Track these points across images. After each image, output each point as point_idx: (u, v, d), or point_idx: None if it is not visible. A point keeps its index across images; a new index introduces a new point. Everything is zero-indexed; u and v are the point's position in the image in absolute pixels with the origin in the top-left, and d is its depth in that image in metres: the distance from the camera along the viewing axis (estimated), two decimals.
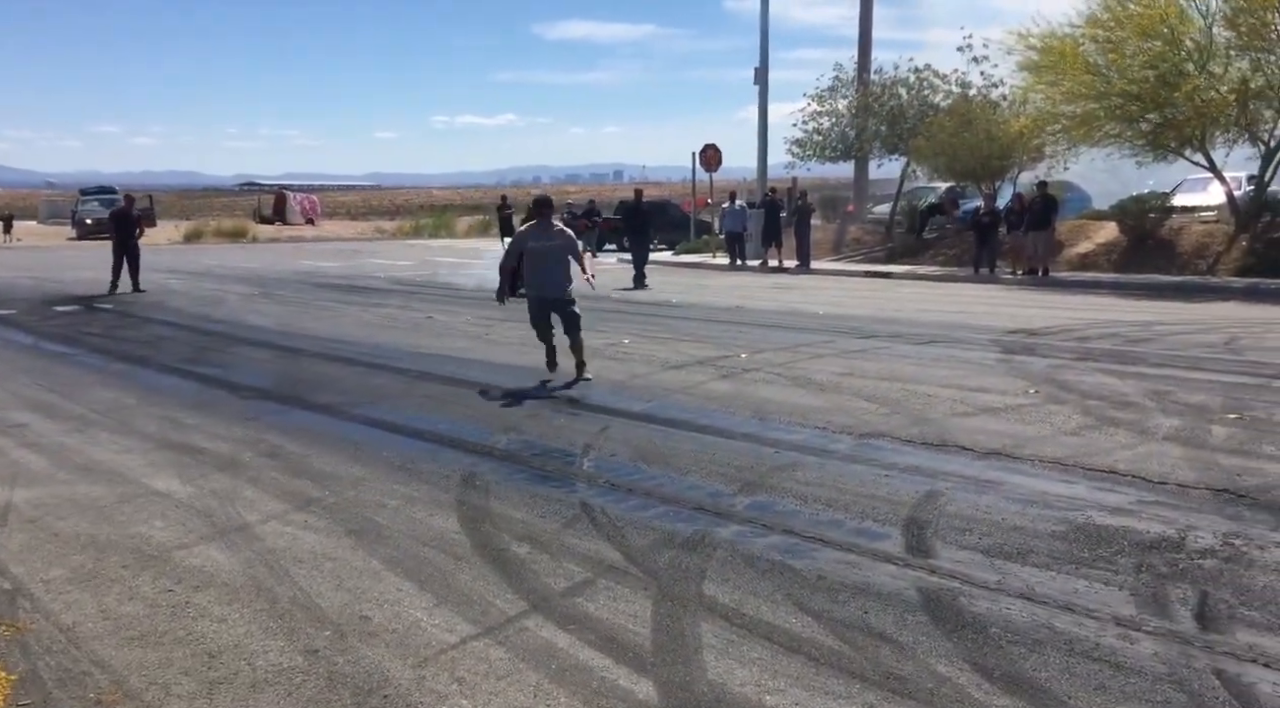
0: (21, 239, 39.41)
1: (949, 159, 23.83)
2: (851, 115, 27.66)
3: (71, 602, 4.15)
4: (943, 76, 26.06)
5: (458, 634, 3.85)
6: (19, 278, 21.44)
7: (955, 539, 4.81)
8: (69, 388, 8.86)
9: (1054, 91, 19.94)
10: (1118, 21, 18.97)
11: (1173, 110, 18.51)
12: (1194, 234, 20.58)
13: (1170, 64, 18.11)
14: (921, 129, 24.90)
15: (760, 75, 29.78)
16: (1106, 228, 22.08)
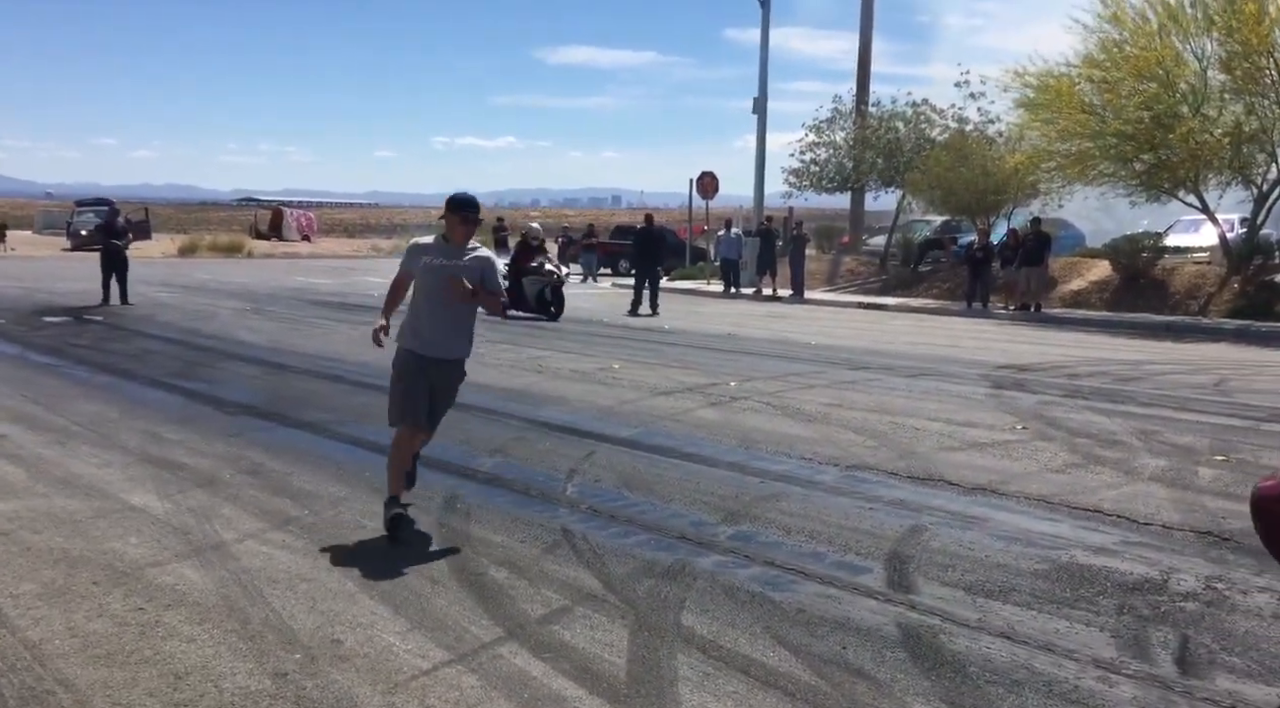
0: (15, 249, 39.32)
1: (944, 193, 23.96)
2: (849, 147, 27.84)
3: (40, 618, 4.08)
4: (940, 111, 26.28)
5: (430, 660, 3.80)
6: (9, 287, 21.36)
7: (938, 575, 4.77)
8: (53, 400, 8.79)
9: (1049, 129, 20.08)
10: (1114, 63, 19.13)
11: (1167, 152, 18.64)
12: (1186, 275, 20.68)
13: (1165, 106, 18.25)
14: (918, 162, 25.05)
15: (759, 105, 29.97)
16: (1099, 266, 22.17)
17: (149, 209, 51.85)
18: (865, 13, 31.34)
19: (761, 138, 30.57)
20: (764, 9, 29.61)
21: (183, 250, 40.70)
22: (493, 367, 11.12)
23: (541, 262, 17.88)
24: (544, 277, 17.65)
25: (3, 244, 39.43)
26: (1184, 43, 18.89)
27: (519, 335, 14.56)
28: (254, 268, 32.85)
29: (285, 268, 33.16)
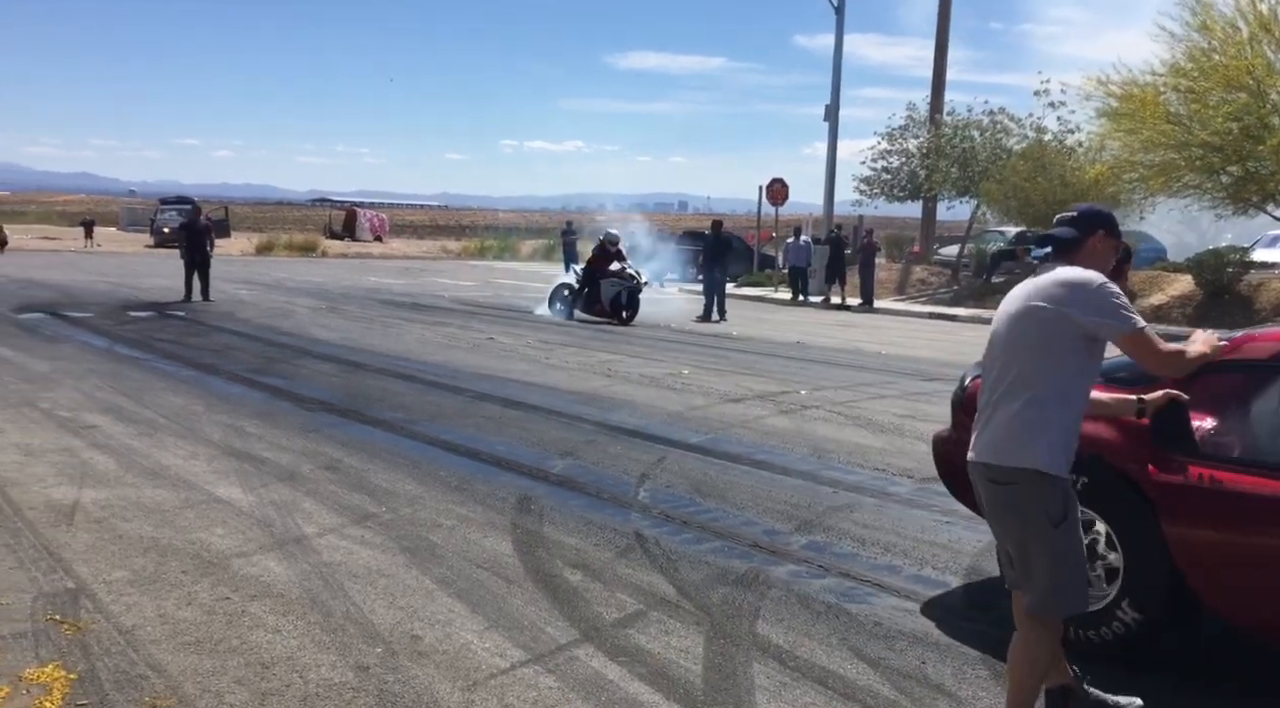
0: (101, 245, 40.59)
1: (1021, 203, 23.52)
2: (922, 155, 27.49)
3: (132, 604, 4.21)
4: (1017, 120, 25.81)
5: (508, 659, 3.84)
6: (96, 282, 22.06)
7: None
8: (139, 392, 9.06)
9: (1133, 140, 19.58)
10: (1201, 72, 18.61)
11: (1256, 164, 18.08)
12: (1273, 291, 20.03)
13: (1255, 117, 17.70)
14: (994, 172, 24.64)
15: (831, 112, 29.74)
16: (1181, 280, 21.59)
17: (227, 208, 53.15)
18: (941, 20, 30.94)
19: (833, 145, 30.33)
20: (838, 16, 29.40)
21: (260, 249, 41.64)
22: (561, 369, 11.19)
23: (621, 266, 17.95)
24: (622, 280, 17.71)
25: (90, 240, 40.72)
26: (1276, 52, 18.32)
27: (587, 339, 14.64)
28: (328, 267, 33.49)
29: (358, 268, 33.76)
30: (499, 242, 49.95)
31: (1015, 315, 3.19)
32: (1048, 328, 3.10)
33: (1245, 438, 3.87)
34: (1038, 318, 3.12)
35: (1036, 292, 3.15)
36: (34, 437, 7.14)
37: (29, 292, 19.09)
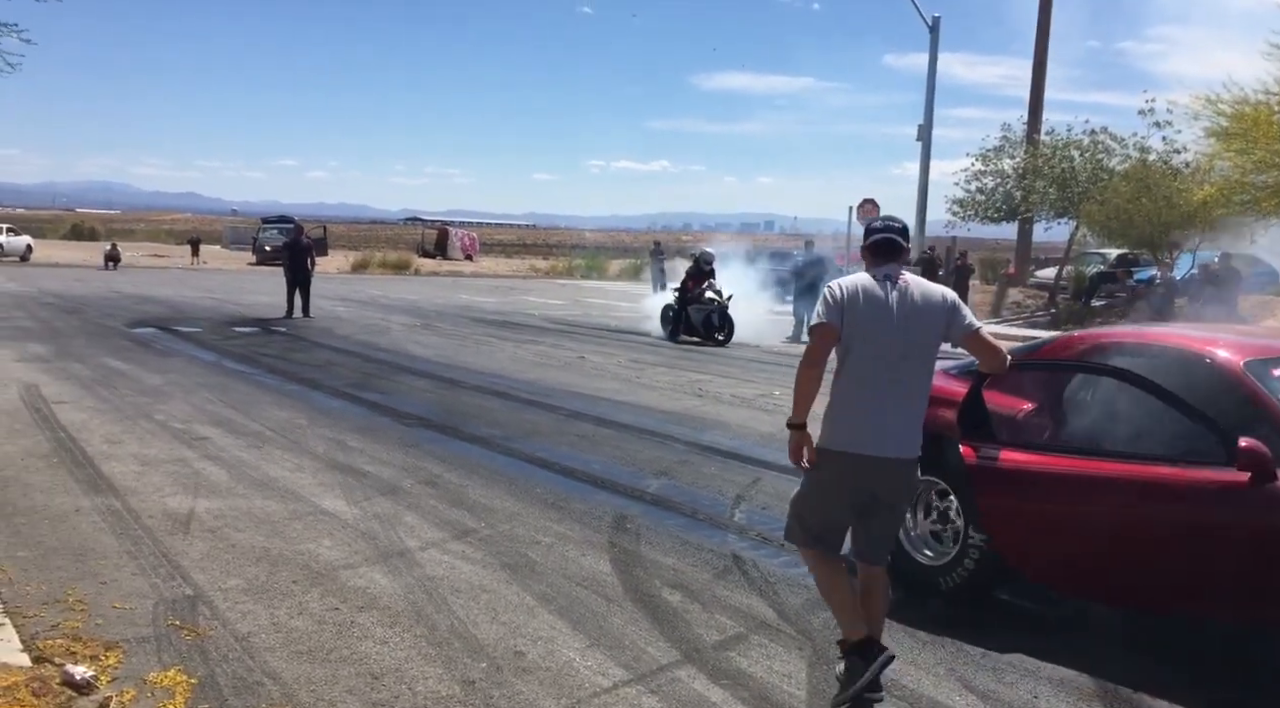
0: (207, 262, 42.15)
1: (1123, 225, 22.85)
2: (1018, 176, 26.92)
3: (246, 612, 4.33)
4: (1120, 140, 25.12)
5: (610, 678, 3.85)
6: (203, 298, 22.89)
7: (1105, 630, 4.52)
8: (246, 405, 9.36)
9: (1244, 160, 18.90)
10: None
11: None
12: None
13: None
14: (1094, 193, 24.00)
15: (924, 132, 29.36)
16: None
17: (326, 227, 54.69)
18: (1040, 38, 30.36)
19: (925, 165, 29.90)
20: (932, 34, 29.05)
21: (355, 267, 42.75)
22: (652, 388, 11.22)
23: (707, 285, 17.84)
24: (705, 304, 17.64)
25: (196, 258, 42.31)
26: None
27: (676, 359, 14.65)
28: (421, 285, 34.20)
29: (450, 285, 34.40)
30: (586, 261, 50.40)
31: (913, 325, 3.60)
32: (938, 336, 3.65)
33: (1044, 423, 4.72)
34: (935, 327, 3.63)
35: (925, 303, 3.62)
36: (150, 447, 7.42)
37: (141, 307, 19.91)
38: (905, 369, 3.61)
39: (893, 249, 3.71)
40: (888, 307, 3.59)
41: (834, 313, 3.62)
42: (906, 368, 3.61)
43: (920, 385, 3.66)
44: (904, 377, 3.61)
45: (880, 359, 3.59)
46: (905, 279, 3.65)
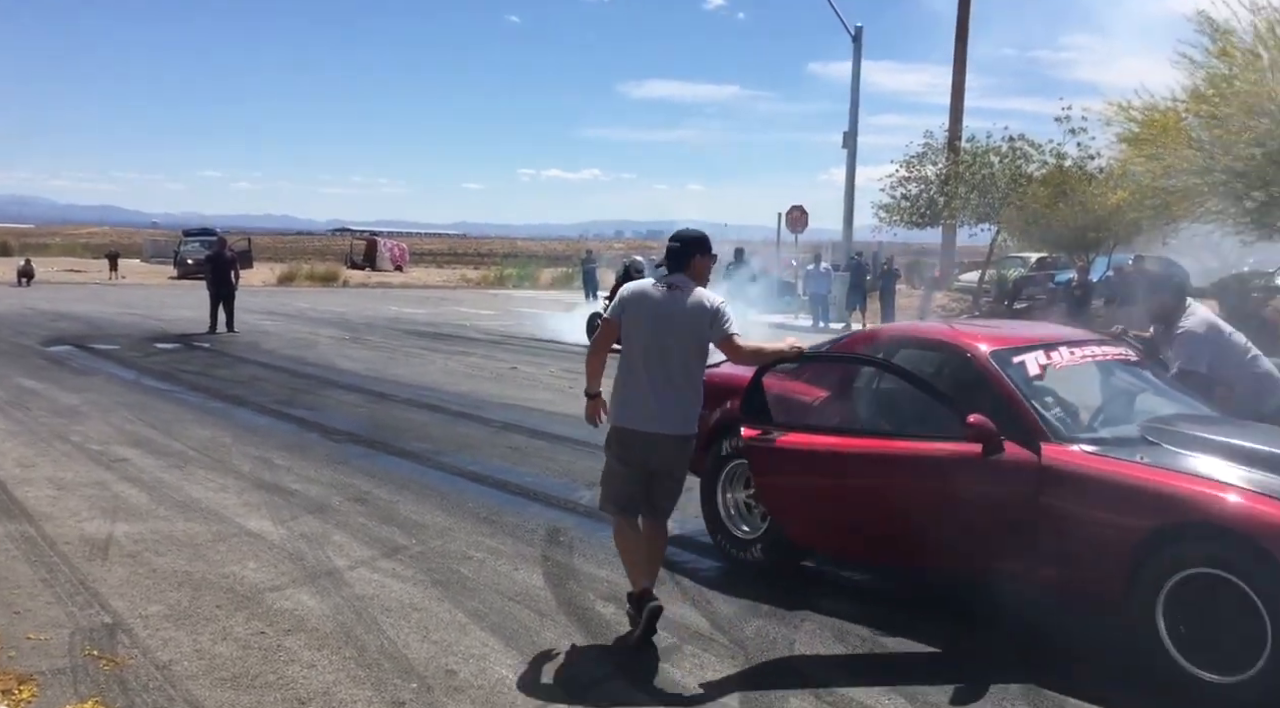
0: (126, 276, 40.98)
1: (1041, 230, 23.46)
2: (940, 182, 27.48)
3: (168, 639, 4.22)
4: (1037, 146, 25.77)
5: (542, 695, 3.82)
6: (122, 314, 22.27)
7: None
8: (168, 424, 9.13)
9: (1154, 165, 19.51)
10: (1223, 97, 18.54)
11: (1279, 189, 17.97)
12: None
13: (1278, 142, 17.62)
14: (1013, 198, 24.60)
15: (849, 139, 29.85)
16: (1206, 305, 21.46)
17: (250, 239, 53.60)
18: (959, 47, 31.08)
19: (851, 172, 30.40)
20: (855, 44, 29.57)
21: (282, 279, 41.96)
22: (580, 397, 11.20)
23: None
24: None
25: (114, 272, 41.16)
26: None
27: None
28: (350, 297, 33.71)
29: (379, 297, 33.96)
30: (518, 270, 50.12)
31: (679, 324, 4.30)
32: (701, 336, 4.31)
33: (831, 409, 5.27)
34: (699, 328, 4.30)
35: (692, 308, 4.31)
36: (66, 471, 7.20)
37: (56, 324, 19.30)
38: (672, 361, 4.31)
39: (677, 259, 4.41)
40: (659, 308, 4.33)
41: (616, 310, 4.43)
42: (673, 360, 4.31)
43: (687, 375, 4.36)
44: (671, 367, 4.31)
45: (649, 351, 4.32)
46: (682, 286, 4.36)
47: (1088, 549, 4.14)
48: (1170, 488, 3.98)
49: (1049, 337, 5.23)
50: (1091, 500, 4.17)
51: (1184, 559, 3.86)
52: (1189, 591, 3.84)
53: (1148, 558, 3.93)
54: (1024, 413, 4.49)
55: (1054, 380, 4.82)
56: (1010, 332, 5.50)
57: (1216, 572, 3.77)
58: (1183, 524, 3.91)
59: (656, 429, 4.32)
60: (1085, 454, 4.29)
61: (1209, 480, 3.97)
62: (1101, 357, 5.20)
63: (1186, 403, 5.05)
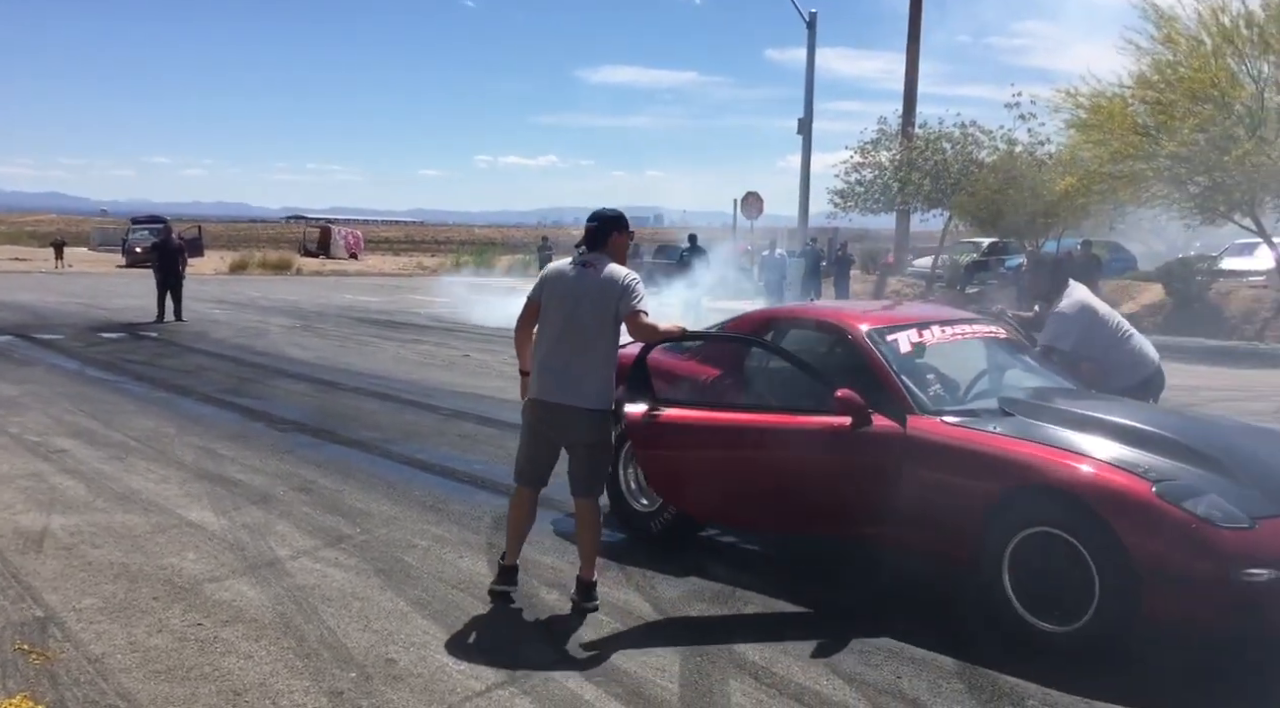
0: (72, 265, 40.17)
1: (992, 215, 23.74)
2: (894, 168, 27.70)
3: (102, 632, 4.15)
4: (988, 133, 26.06)
5: (483, 682, 3.81)
6: (67, 303, 21.84)
7: None
8: (110, 415, 8.97)
9: (1101, 151, 19.81)
10: (1168, 84, 18.87)
11: (1222, 174, 18.33)
12: (1242, 299, 20.32)
13: (1220, 128, 17.96)
14: (965, 184, 24.86)
15: (804, 126, 29.96)
16: (1152, 289, 21.85)
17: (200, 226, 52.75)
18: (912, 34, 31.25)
19: (806, 159, 30.53)
20: (810, 30, 29.66)
21: (234, 267, 41.35)
22: None
23: None
24: None
25: (60, 261, 40.33)
26: (1239, 64, 18.59)
27: None
28: (303, 285, 33.32)
29: (333, 285, 33.62)
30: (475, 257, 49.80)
31: (590, 300, 4.42)
32: (612, 311, 4.40)
33: (720, 386, 5.54)
34: (609, 304, 4.41)
35: (603, 284, 4.42)
36: (1, 463, 7.04)
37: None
38: (583, 335, 4.45)
39: (594, 238, 4.56)
40: (572, 285, 4.48)
41: (535, 289, 4.59)
42: (584, 334, 4.45)
43: (599, 349, 4.48)
44: (581, 341, 4.45)
45: (564, 326, 4.46)
46: (595, 263, 4.49)
47: (946, 513, 4.46)
48: (1016, 455, 4.30)
49: (924, 316, 5.57)
50: (949, 468, 4.48)
51: (1026, 520, 4.19)
52: (1031, 549, 4.18)
53: (996, 520, 4.27)
54: (893, 388, 4.81)
55: (924, 357, 5.16)
56: (890, 312, 5.80)
57: (1053, 531, 4.10)
58: (1025, 488, 4.23)
59: (569, 402, 4.47)
60: (946, 425, 4.61)
61: (1051, 448, 4.29)
62: (972, 335, 5.50)
63: (1048, 377, 5.43)
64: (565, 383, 4.46)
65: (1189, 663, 4.12)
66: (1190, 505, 3.91)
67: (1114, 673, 3.95)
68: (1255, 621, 3.88)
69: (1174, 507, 3.90)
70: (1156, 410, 5.19)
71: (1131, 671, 3.98)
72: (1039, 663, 4.04)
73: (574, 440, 4.59)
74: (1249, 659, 4.10)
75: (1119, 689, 3.82)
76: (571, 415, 4.49)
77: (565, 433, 4.57)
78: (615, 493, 5.79)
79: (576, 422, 4.51)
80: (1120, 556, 3.90)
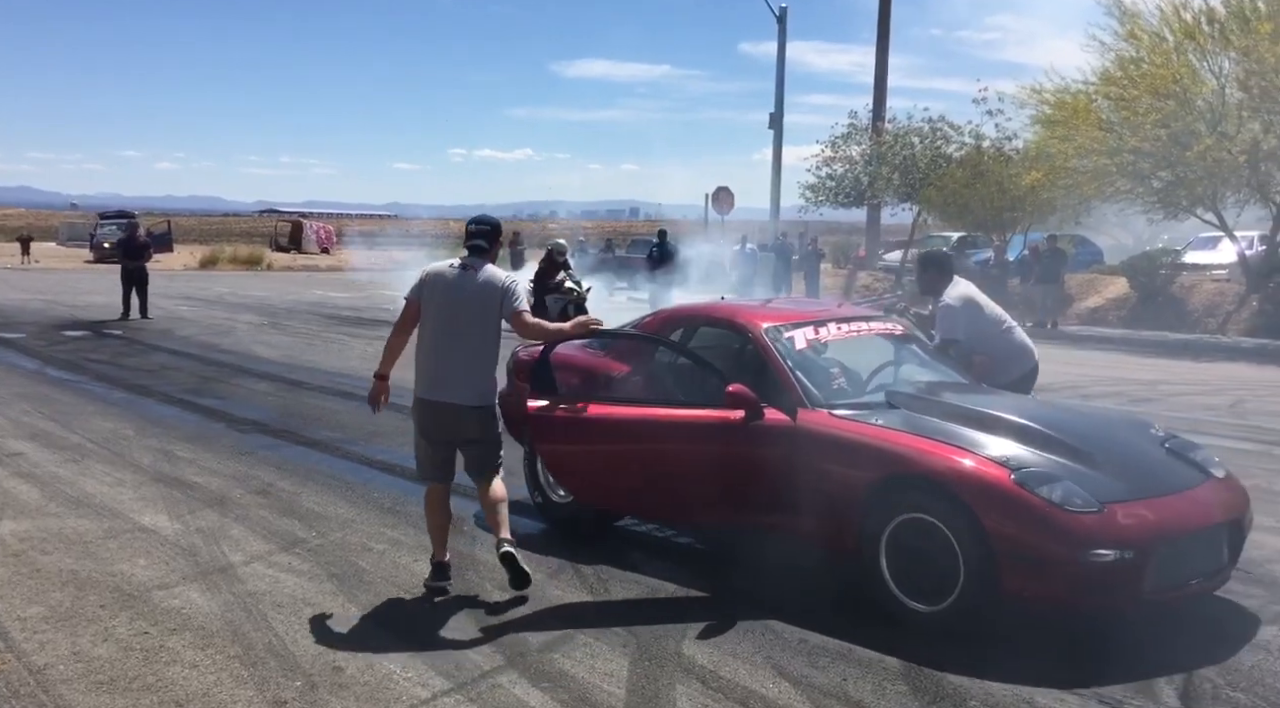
0: (39, 260, 39.70)
1: (960, 209, 23.89)
2: (865, 162, 27.80)
3: (45, 642, 4.12)
4: (956, 128, 26.20)
5: (429, 689, 3.82)
6: (31, 300, 21.60)
7: None
8: (68, 416, 8.88)
9: (1066, 146, 19.99)
10: (1130, 80, 19.06)
11: (1184, 169, 18.55)
12: (1205, 292, 20.55)
13: (1182, 123, 18.16)
14: (934, 179, 24.99)
15: (775, 121, 30.04)
16: (1116, 283, 22.07)
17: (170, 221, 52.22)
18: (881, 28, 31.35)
19: (778, 153, 30.63)
20: (780, 25, 29.72)
21: (203, 263, 41.00)
22: None
23: (563, 278, 17.68)
24: (564, 294, 17.51)
25: (26, 256, 39.83)
26: (1201, 60, 18.81)
27: None
28: (273, 281, 33.09)
29: (304, 281, 33.40)
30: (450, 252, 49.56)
31: (472, 302, 4.62)
32: (494, 312, 4.62)
33: (630, 382, 5.74)
34: (491, 305, 4.62)
35: (484, 286, 4.64)
36: None
37: None
38: (465, 336, 4.64)
39: (475, 243, 4.78)
40: (453, 288, 4.65)
41: (414, 291, 4.73)
42: (466, 335, 4.64)
43: (481, 349, 4.68)
44: (464, 342, 4.64)
45: (442, 327, 4.64)
46: (475, 266, 4.69)
47: (831, 501, 4.68)
48: (892, 445, 4.55)
49: (823, 314, 5.75)
50: (834, 458, 4.71)
51: (900, 507, 4.44)
52: (905, 534, 4.42)
53: (874, 507, 4.51)
54: (787, 382, 5.02)
55: (820, 353, 5.40)
56: (789, 309, 6.00)
57: (924, 516, 4.36)
58: (900, 476, 4.48)
59: (454, 400, 4.66)
60: (833, 418, 4.83)
61: (925, 439, 4.52)
62: (868, 332, 5.74)
63: (941, 371, 5.63)
64: (450, 382, 4.65)
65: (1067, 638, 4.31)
66: (1045, 492, 4.16)
67: (1054, 670, 4.00)
68: (1103, 598, 4.15)
69: (1030, 493, 4.16)
70: (1030, 403, 5.40)
71: (1073, 667, 4.04)
72: (982, 665, 4.08)
73: (463, 437, 4.77)
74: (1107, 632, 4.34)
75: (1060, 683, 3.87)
76: (458, 413, 4.68)
77: (454, 430, 4.75)
78: (534, 484, 6.03)
79: (465, 419, 4.70)
80: (981, 539, 4.15)
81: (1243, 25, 17.86)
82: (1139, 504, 4.29)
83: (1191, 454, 4.85)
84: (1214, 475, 4.74)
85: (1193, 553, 4.34)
